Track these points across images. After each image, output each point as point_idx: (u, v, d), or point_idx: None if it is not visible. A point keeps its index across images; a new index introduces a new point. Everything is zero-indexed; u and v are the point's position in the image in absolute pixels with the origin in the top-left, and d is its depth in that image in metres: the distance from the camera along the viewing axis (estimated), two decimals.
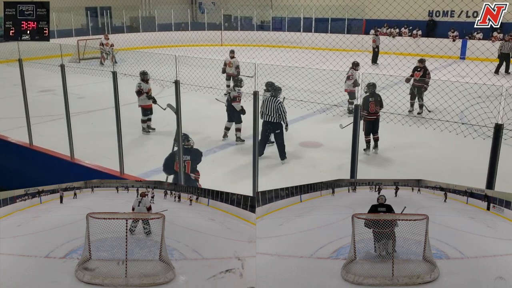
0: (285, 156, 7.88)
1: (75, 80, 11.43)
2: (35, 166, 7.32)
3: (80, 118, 9.98)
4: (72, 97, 6.87)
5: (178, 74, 5.37)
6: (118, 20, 27.23)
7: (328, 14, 24.69)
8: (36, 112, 8.67)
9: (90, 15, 25.41)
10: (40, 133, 8.11)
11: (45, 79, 12.72)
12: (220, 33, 27.98)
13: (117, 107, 5.79)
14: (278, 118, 7.74)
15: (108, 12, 26.41)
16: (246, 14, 28.95)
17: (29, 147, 7.30)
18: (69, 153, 6.61)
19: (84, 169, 6.39)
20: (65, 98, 6.49)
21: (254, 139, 4.73)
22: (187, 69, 9.18)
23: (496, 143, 3.67)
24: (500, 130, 3.65)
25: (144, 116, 9.52)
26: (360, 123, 7.99)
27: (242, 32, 27.79)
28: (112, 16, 27.08)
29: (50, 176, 6.85)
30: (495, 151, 3.70)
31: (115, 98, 5.74)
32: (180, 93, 5.13)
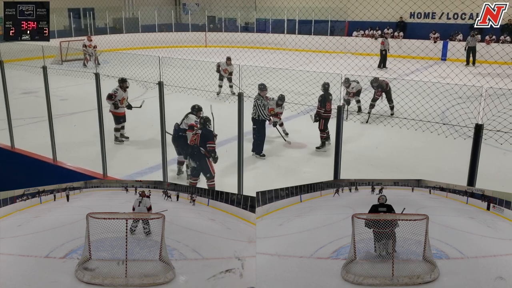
0: (260, 152, 8.07)
1: (57, 82, 11.32)
2: (17, 169, 7.23)
3: (63, 120, 9.88)
4: (54, 99, 6.81)
5: (162, 76, 5.36)
6: (101, 21, 26.97)
7: (312, 16, 24.80)
8: (18, 114, 8.58)
9: (73, 16, 25.14)
10: (22, 135, 8.02)
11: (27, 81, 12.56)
12: (204, 34, 27.91)
13: (100, 109, 5.76)
14: (255, 114, 8.05)
15: (91, 13, 26.15)
16: (230, 16, 28.92)
17: (10, 150, 7.21)
18: (52, 155, 6.55)
19: (66, 172, 6.33)
20: (47, 100, 6.43)
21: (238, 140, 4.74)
22: (171, 70, 9.16)
23: (476, 143, 3.75)
24: (480, 130, 3.72)
25: (118, 124, 8.85)
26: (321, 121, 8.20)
27: (226, 33, 27.74)
28: (95, 18, 26.81)
29: (33, 179, 6.78)
30: (475, 150, 3.77)
31: (98, 100, 5.71)
32: (164, 94, 5.12)
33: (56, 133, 6.54)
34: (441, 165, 7.52)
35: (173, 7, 31.78)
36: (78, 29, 24.99)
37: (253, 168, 7.52)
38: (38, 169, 6.80)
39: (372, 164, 7.74)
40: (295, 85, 9.95)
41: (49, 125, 6.50)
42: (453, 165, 6.71)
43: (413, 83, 7.84)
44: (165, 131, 5.19)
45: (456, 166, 5.68)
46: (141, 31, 26.92)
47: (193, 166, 6.29)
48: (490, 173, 6.58)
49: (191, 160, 6.29)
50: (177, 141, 6.83)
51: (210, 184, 6.18)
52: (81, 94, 12.40)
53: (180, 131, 6.74)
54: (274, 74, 8.84)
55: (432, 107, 8.14)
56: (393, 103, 10.45)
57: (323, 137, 8.42)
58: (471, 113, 6.24)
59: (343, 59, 11.49)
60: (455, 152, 7.15)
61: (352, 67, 11.28)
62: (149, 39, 25.12)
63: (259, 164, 7.82)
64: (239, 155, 4.80)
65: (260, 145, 8.13)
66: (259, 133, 8.12)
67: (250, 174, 7.04)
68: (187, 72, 9.73)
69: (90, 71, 7.26)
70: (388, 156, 8.18)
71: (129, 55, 11.74)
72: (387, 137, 9.07)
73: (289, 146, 8.59)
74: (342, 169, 4.38)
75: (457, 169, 4.51)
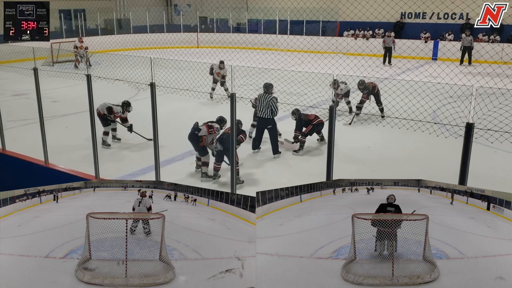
0: (278, 151, 8.15)
1: (49, 84, 11.26)
2: (8, 171, 7.19)
3: (55, 122, 9.84)
4: (46, 101, 6.77)
5: (154, 77, 5.35)
6: (92, 22, 26.86)
7: (303, 17, 24.86)
8: (9, 116, 8.53)
9: (64, 18, 24.98)
10: (13, 138, 7.97)
11: (18, 83, 12.51)
12: (196, 35, 27.87)
13: (91, 110, 5.74)
14: (271, 113, 8.02)
15: (82, 14, 26.02)
16: (222, 16, 28.92)
17: (1, 152, 7.16)
18: (43, 157, 6.52)
19: (59, 174, 6.30)
20: (38, 102, 6.39)
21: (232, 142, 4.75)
22: (163, 71, 9.14)
23: (467, 141, 3.78)
24: (471, 129, 3.75)
25: (105, 127, 8.56)
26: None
27: (218, 34, 27.78)
28: (86, 19, 26.69)
29: (24, 181, 6.73)
30: (466, 149, 3.80)
31: (90, 102, 5.69)
32: (156, 95, 5.12)
33: (47, 135, 6.51)
34: (433, 164, 7.57)
35: (164, 8, 31.72)
36: (69, 31, 24.87)
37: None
38: (30, 171, 6.77)
39: (364, 164, 7.77)
40: (287, 86, 9.97)
41: (41, 127, 6.47)
42: (445, 164, 6.75)
43: (404, 82, 7.89)
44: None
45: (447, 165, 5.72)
46: (132, 32, 26.83)
47: (219, 150, 6.82)
48: (480, 171, 6.64)
49: (219, 143, 6.82)
50: (192, 139, 7.12)
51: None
52: (73, 96, 12.38)
53: (196, 129, 7.06)
54: (266, 74, 8.86)
55: (423, 106, 8.19)
56: (382, 105, 10.37)
57: (302, 141, 8.39)
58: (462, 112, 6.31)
59: (334, 59, 11.52)
60: (446, 151, 7.20)
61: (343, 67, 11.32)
62: (141, 40, 25.04)
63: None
64: (232, 155, 4.81)
65: (277, 144, 8.21)
66: (275, 131, 8.19)
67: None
68: (179, 73, 9.72)
69: (81, 73, 7.23)
70: (380, 155, 8.22)
71: (120, 56, 11.71)
72: (379, 137, 9.11)
73: (281, 146, 8.60)
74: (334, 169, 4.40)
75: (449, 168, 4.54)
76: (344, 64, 11.64)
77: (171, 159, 7.88)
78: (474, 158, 3.86)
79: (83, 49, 18.78)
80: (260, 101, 8.10)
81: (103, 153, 7.78)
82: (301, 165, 7.85)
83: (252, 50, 21.79)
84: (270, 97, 8.08)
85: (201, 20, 29.27)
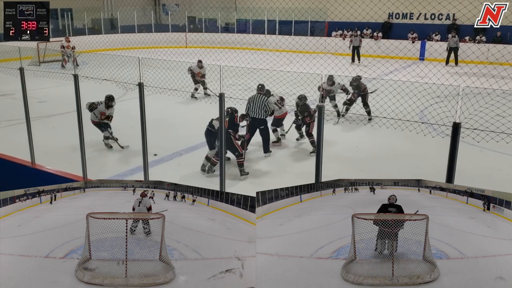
0: (269, 150, 8.22)
1: (35, 84, 11.13)
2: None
3: (41, 123, 9.74)
4: (32, 101, 6.70)
5: (142, 77, 5.32)
6: (80, 22, 26.65)
7: (292, 17, 24.91)
8: None
9: (51, 17, 24.78)
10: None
11: (3, 83, 12.36)
12: (185, 35, 27.79)
13: (78, 110, 5.69)
14: (264, 114, 8.12)
15: (69, 14, 25.81)
16: (210, 16, 28.87)
17: None
18: (30, 158, 6.45)
19: (46, 175, 6.24)
20: (24, 102, 6.33)
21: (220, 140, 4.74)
22: (151, 71, 9.10)
23: (454, 141, 3.81)
24: (458, 129, 3.78)
25: (104, 132, 8.47)
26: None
27: (206, 34, 27.74)
28: (73, 18, 26.48)
29: (11, 182, 6.65)
30: (453, 148, 3.83)
31: (77, 102, 5.64)
32: (144, 95, 5.09)
33: (34, 135, 6.45)
34: (420, 162, 7.63)
35: (152, 7, 31.58)
36: (56, 30, 24.60)
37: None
38: (16, 172, 6.69)
39: (352, 163, 7.81)
40: (276, 85, 9.98)
41: (27, 127, 6.40)
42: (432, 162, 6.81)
43: (392, 82, 7.94)
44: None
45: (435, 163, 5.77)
46: (120, 31, 26.68)
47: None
48: (467, 170, 6.70)
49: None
50: (208, 135, 7.27)
51: (239, 161, 7.19)
52: (60, 96, 12.26)
53: (211, 126, 7.20)
54: (255, 74, 8.86)
55: (411, 106, 8.25)
56: (369, 107, 10.39)
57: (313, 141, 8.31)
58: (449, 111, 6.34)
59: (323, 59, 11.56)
60: (433, 150, 7.26)
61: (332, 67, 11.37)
62: (129, 40, 24.87)
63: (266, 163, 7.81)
64: (221, 154, 4.80)
65: (268, 143, 8.28)
66: (267, 132, 8.26)
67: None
68: (168, 73, 9.68)
69: (68, 73, 7.17)
70: (369, 155, 8.26)
71: (108, 56, 11.62)
72: (367, 136, 9.16)
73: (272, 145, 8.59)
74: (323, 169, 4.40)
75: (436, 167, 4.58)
76: (333, 64, 11.69)
77: (160, 159, 7.86)
78: (460, 157, 3.89)
79: (70, 49, 18.64)
80: (254, 102, 8.11)
81: (91, 153, 7.71)
82: (291, 165, 7.86)
83: (240, 50, 21.79)
84: (265, 98, 8.13)
85: (189, 20, 29.20)
